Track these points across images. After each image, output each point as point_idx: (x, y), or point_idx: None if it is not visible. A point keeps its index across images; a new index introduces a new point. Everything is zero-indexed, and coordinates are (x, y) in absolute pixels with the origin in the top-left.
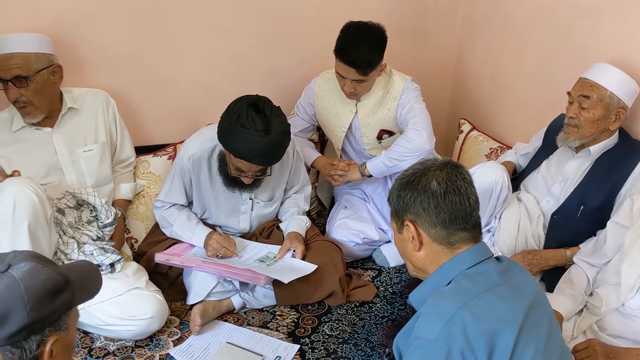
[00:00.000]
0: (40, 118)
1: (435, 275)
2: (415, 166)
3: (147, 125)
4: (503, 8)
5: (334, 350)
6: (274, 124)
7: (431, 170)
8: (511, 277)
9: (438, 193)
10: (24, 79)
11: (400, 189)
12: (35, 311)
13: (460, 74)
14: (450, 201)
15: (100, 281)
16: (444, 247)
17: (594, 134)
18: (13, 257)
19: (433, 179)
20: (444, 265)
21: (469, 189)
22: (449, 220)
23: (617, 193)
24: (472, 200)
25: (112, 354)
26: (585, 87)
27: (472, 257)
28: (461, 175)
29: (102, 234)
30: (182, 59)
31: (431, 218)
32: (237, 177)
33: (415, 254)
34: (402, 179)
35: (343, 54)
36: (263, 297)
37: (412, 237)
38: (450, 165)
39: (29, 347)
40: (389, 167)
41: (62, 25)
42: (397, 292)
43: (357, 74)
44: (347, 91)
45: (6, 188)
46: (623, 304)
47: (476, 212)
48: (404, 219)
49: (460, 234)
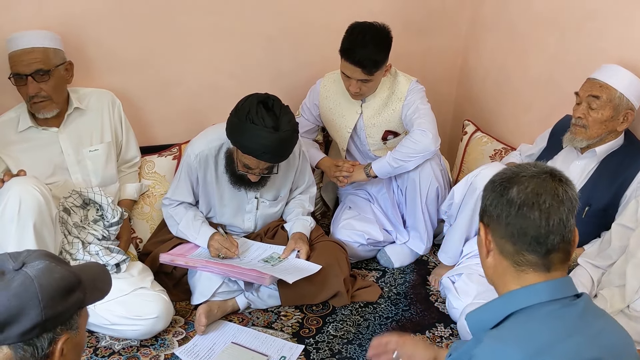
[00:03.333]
0: (54, 112)
1: (501, 301)
2: (512, 168)
3: (152, 125)
4: (509, 10)
5: (338, 350)
6: (283, 122)
7: (520, 176)
8: (587, 324)
9: (514, 202)
10: (46, 73)
11: (486, 188)
12: (48, 309)
13: (465, 75)
14: (522, 215)
15: (110, 282)
16: (510, 265)
17: (601, 134)
18: (27, 256)
19: (515, 186)
20: (512, 294)
21: (556, 208)
22: (518, 235)
23: (622, 194)
24: (552, 222)
25: (118, 353)
26: (595, 87)
27: (549, 293)
28: (554, 191)
29: (108, 233)
30: (188, 59)
31: (501, 227)
32: (244, 174)
33: (485, 260)
34: (493, 179)
35: (349, 54)
36: (268, 298)
37: (483, 241)
38: (546, 174)
39: (41, 345)
40: (394, 167)
41: (69, 25)
42: (402, 292)
43: (362, 74)
44: (353, 91)
45: (12, 188)
46: (628, 306)
47: (556, 237)
48: (482, 219)
49: (528, 256)
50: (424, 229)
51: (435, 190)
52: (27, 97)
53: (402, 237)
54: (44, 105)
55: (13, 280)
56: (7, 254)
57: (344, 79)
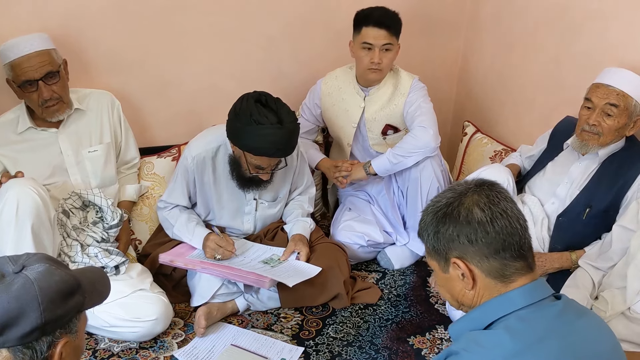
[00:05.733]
0: (68, 113)
1: (478, 311)
2: (446, 194)
3: (152, 126)
4: (510, 10)
5: (338, 352)
6: (283, 114)
7: (467, 196)
8: (565, 325)
9: (484, 221)
10: (56, 74)
11: (437, 224)
12: (48, 312)
13: (465, 75)
14: (500, 227)
15: (109, 286)
16: (498, 282)
17: (613, 140)
18: (27, 259)
19: (474, 206)
20: (488, 303)
21: (515, 209)
22: (503, 248)
23: (623, 196)
24: (522, 221)
25: (117, 355)
26: (612, 94)
27: (523, 298)
28: (502, 195)
29: (107, 235)
30: (187, 60)
31: (482, 250)
32: (255, 176)
33: (466, 293)
34: (435, 212)
35: (369, 18)
36: (267, 300)
37: (463, 275)
38: (485, 185)
39: (40, 349)
40: (393, 163)
41: (68, 26)
42: (402, 294)
43: (387, 36)
44: (376, 61)
45: (9, 189)
46: (629, 308)
47: (528, 234)
48: (449, 256)
49: (515, 263)
50: None
51: (436, 190)
52: (38, 102)
53: (402, 238)
54: (58, 107)
55: (13, 283)
56: (6, 257)
57: (363, 56)
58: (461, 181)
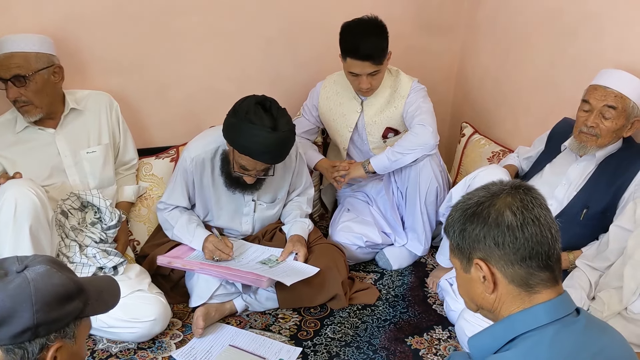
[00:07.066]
0: (38, 117)
1: (501, 326)
2: (479, 192)
3: (150, 127)
4: (506, 13)
5: (336, 353)
6: (281, 122)
7: (500, 197)
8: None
9: (514, 225)
10: (23, 78)
11: (465, 222)
12: (41, 313)
13: (462, 77)
14: (530, 234)
15: (117, 297)
16: (522, 290)
17: (610, 141)
18: (32, 260)
19: (506, 209)
20: (511, 318)
21: (548, 217)
22: (530, 256)
23: (620, 197)
24: (553, 231)
25: (115, 356)
26: (610, 96)
27: (548, 315)
28: (537, 201)
29: (106, 236)
30: (186, 62)
31: (508, 255)
32: (239, 176)
33: (486, 297)
34: (465, 210)
35: (355, 51)
36: (265, 300)
37: (484, 278)
38: (522, 189)
39: (32, 350)
40: (392, 161)
41: (67, 27)
42: (400, 295)
43: (372, 66)
44: (364, 88)
45: (7, 190)
46: (626, 308)
47: (559, 245)
48: (472, 256)
49: (541, 273)
50: (422, 230)
51: (435, 190)
52: (11, 100)
53: (400, 239)
54: (27, 109)
55: (12, 281)
56: (15, 257)
57: (351, 80)
58: (497, 180)
